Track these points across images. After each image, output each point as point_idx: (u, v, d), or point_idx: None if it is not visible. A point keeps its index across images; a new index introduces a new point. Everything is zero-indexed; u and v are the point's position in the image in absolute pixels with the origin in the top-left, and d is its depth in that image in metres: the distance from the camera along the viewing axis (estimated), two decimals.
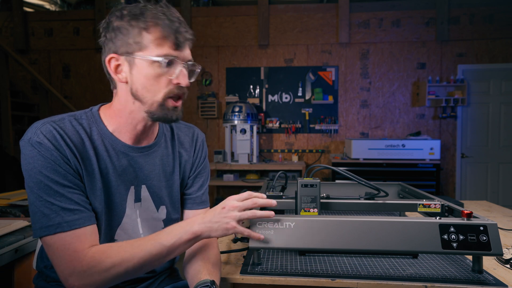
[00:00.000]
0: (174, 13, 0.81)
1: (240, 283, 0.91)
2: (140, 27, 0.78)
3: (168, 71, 0.80)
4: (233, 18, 4.62)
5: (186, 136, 1.02)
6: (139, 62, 0.79)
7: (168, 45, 0.79)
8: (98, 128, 0.85)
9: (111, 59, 0.82)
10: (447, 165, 4.45)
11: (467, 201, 1.78)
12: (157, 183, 0.92)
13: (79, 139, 0.81)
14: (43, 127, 0.77)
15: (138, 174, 0.89)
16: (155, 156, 0.92)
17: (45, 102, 4.23)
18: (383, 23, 4.46)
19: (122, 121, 0.86)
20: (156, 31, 0.78)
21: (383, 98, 4.50)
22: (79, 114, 0.86)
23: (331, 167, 1.13)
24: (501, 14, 4.30)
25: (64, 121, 0.81)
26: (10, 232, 1.28)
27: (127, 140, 0.88)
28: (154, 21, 0.78)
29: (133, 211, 0.89)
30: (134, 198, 0.89)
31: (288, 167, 4.03)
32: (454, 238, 0.84)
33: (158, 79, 0.80)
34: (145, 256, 0.76)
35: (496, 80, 4.40)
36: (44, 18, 4.79)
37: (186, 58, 0.83)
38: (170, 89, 0.81)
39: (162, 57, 0.78)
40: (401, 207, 1.10)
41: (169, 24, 0.78)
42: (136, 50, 0.79)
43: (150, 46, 0.78)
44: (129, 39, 0.79)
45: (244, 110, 4.16)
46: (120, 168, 0.86)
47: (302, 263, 0.96)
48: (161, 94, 0.81)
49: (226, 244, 1.16)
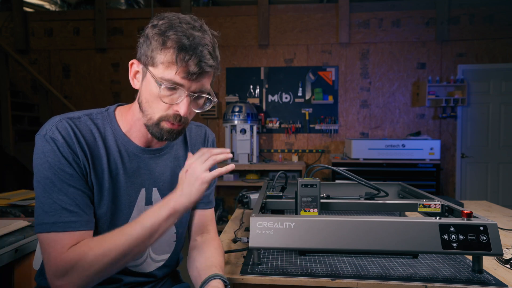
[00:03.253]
0: (200, 38, 0.76)
1: (240, 283, 0.90)
2: (159, 43, 0.76)
3: (171, 95, 0.78)
4: (233, 18, 4.62)
5: (198, 136, 1.02)
6: (149, 76, 0.79)
7: (176, 72, 0.76)
8: (112, 128, 0.86)
9: (132, 64, 0.83)
10: (447, 165, 4.45)
11: (467, 201, 1.78)
12: (169, 185, 0.92)
13: (92, 138, 0.82)
14: (59, 124, 0.78)
15: (149, 177, 0.89)
16: (167, 159, 0.93)
17: (45, 102, 4.23)
18: (383, 23, 4.46)
19: (135, 126, 0.87)
20: (169, 53, 0.75)
21: (383, 98, 4.50)
22: (95, 113, 0.86)
23: (331, 167, 1.13)
24: (501, 14, 4.30)
25: (80, 119, 0.82)
26: (10, 232, 1.28)
27: (139, 142, 0.88)
28: (172, 42, 0.75)
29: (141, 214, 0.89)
30: (145, 200, 0.89)
31: (288, 167, 4.03)
32: (454, 238, 0.84)
33: (159, 100, 0.79)
34: (127, 241, 0.74)
35: (496, 80, 4.40)
36: (44, 18, 4.79)
37: (195, 88, 0.79)
38: (167, 113, 0.80)
39: (165, 81, 0.76)
40: (401, 207, 1.10)
41: (185, 50, 0.74)
42: (149, 64, 0.78)
43: (160, 66, 0.77)
44: (148, 52, 0.77)
45: (244, 110, 4.16)
46: (131, 170, 0.86)
47: (302, 263, 0.96)
48: (158, 115, 0.80)
49: (226, 244, 1.16)
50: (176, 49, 0.74)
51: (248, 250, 1.06)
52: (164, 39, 0.75)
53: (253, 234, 0.88)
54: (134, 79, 0.84)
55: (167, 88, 0.77)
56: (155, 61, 0.77)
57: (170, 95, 0.78)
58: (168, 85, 0.76)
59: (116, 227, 0.84)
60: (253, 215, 0.90)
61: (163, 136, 0.82)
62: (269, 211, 1.15)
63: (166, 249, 0.96)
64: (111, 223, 0.84)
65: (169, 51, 0.75)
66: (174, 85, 0.77)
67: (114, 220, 0.85)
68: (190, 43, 0.75)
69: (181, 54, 0.74)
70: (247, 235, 1.21)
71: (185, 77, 0.76)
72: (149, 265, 0.93)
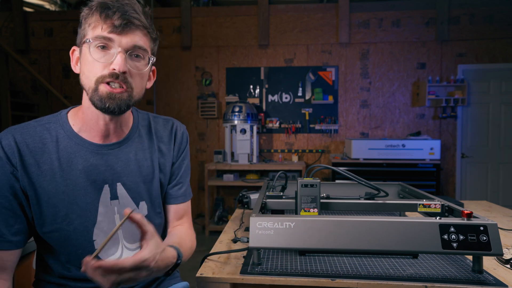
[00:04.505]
0: (124, 1, 0.79)
1: (240, 283, 0.90)
2: (87, 14, 0.79)
3: (104, 56, 0.78)
4: (233, 18, 4.62)
5: (164, 129, 0.99)
6: (83, 49, 0.81)
7: (103, 27, 0.77)
8: (65, 130, 0.86)
9: (73, 51, 0.85)
10: (447, 165, 4.45)
11: (467, 201, 1.78)
12: (134, 178, 0.91)
13: (41, 144, 0.82)
14: (3, 136, 0.81)
15: (111, 172, 0.88)
16: (129, 152, 0.91)
17: (45, 102, 4.23)
18: (383, 23, 4.46)
19: (86, 118, 0.86)
20: (94, 15, 0.78)
21: (383, 98, 4.50)
22: (47, 118, 0.88)
23: (331, 167, 1.13)
24: (501, 14, 4.30)
25: (28, 126, 0.84)
26: None
27: (94, 139, 0.87)
28: (96, 4, 0.78)
29: (109, 209, 0.87)
30: (110, 196, 0.88)
31: (288, 167, 4.03)
32: (454, 238, 0.84)
33: (93, 63, 0.78)
34: None
35: (496, 80, 4.40)
36: (44, 18, 4.79)
37: (126, 44, 0.78)
38: (102, 74, 0.78)
39: (93, 39, 0.77)
40: (401, 207, 1.10)
41: (107, 7, 0.77)
42: (82, 38, 0.80)
43: (88, 31, 0.79)
44: (80, 29, 0.81)
45: (244, 110, 4.15)
46: (89, 168, 0.85)
47: (302, 263, 0.96)
48: (94, 78, 0.78)
49: (226, 244, 1.16)
50: (99, 8, 0.77)
51: (248, 250, 1.06)
52: (90, 7, 0.79)
53: (253, 234, 0.88)
54: (76, 66, 0.85)
55: (98, 48, 0.78)
56: (85, 31, 0.79)
57: (103, 55, 0.78)
58: (97, 42, 0.77)
59: (88, 225, 0.85)
60: (253, 215, 0.90)
61: (105, 104, 0.78)
62: (269, 211, 1.15)
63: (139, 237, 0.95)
64: (80, 222, 0.84)
65: (94, 13, 0.78)
66: (103, 40, 0.77)
67: (82, 219, 0.84)
68: (113, 3, 0.78)
69: (104, 11, 0.77)
70: (247, 235, 1.21)
71: (111, 31, 0.77)
72: (128, 254, 0.91)
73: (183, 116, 4.68)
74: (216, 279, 0.90)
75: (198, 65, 4.68)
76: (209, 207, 4.33)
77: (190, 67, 4.68)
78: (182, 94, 4.70)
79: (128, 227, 0.91)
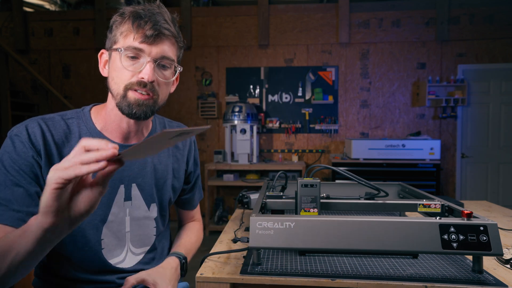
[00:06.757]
0: (156, 10, 0.81)
1: (240, 283, 0.90)
2: (119, 22, 0.81)
3: (133, 64, 0.80)
4: (233, 18, 4.62)
5: None
6: (113, 54, 0.82)
7: (134, 37, 0.79)
8: (87, 126, 0.86)
9: (102, 54, 0.86)
10: (447, 165, 4.45)
11: (467, 201, 1.78)
12: (148, 181, 0.93)
13: (64, 138, 0.83)
14: (30, 123, 0.80)
15: (127, 173, 0.89)
16: None
17: (45, 102, 4.23)
18: (383, 23, 4.46)
19: (109, 119, 0.87)
20: (126, 23, 0.80)
21: (383, 98, 4.50)
22: (70, 113, 0.88)
23: (331, 167, 1.13)
24: (501, 14, 4.30)
25: (53, 119, 0.84)
26: None
27: (115, 138, 0.88)
28: (128, 14, 0.80)
29: (121, 209, 0.89)
30: (124, 196, 0.89)
31: (288, 167, 4.03)
32: (454, 238, 0.84)
33: (123, 70, 0.80)
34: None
35: (496, 80, 4.40)
36: (44, 18, 4.79)
37: (155, 54, 0.81)
38: (131, 81, 0.80)
39: (125, 48, 0.79)
40: (401, 207, 1.10)
41: (140, 17, 0.79)
42: (113, 44, 0.82)
43: (119, 39, 0.81)
44: (111, 35, 0.83)
45: (244, 110, 4.15)
46: None
47: (302, 263, 0.96)
48: (123, 85, 0.81)
49: (226, 244, 1.16)
50: (131, 17, 0.79)
51: (248, 250, 1.06)
52: (122, 15, 0.81)
53: (253, 234, 0.88)
54: (104, 69, 0.86)
55: (129, 57, 0.80)
56: (116, 37, 0.81)
57: (133, 64, 0.80)
58: (128, 52, 0.79)
59: (98, 224, 0.85)
60: (253, 215, 0.90)
61: (132, 110, 0.81)
62: (269, 211, 1.15)
63: (145, 242, 0.97)
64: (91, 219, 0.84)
65: (127, 22, 0.80)
66: (134, 50, 0.79)
67: (93, 216, 0.85)
68: (145, 12, 0.80)
69: (137, 21, 0.79)
70: (247, 235, 1.21)
71: (143, 41, 0.79)
72: (131, 259, 0.93)
73: (183, 116, 4.68)
74: (216, 279, 0.90)
75: (198, 65, 4.68)
76: (209, 207, 4.33)
77: (190, 67, 4.68)
78: (182, 94, 4.70)
79: (135, 231, 0.93)
